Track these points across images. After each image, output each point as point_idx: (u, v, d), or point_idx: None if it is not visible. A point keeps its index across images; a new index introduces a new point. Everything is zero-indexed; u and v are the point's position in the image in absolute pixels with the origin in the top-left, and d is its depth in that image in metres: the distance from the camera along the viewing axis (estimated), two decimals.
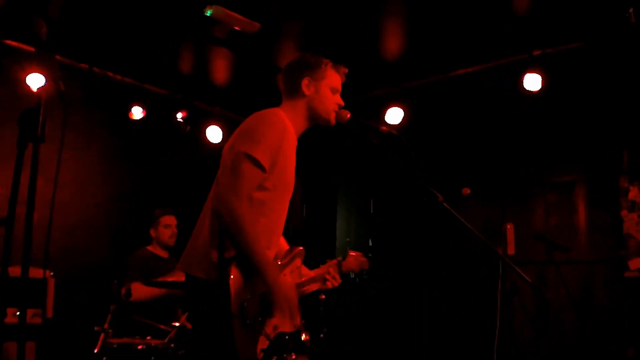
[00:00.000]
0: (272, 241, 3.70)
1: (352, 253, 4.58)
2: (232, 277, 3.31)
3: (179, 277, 5.89)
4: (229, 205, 3.34)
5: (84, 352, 5.67)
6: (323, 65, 3.94)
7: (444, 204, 3.72)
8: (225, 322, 3.24)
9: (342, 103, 3.98)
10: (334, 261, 4.40)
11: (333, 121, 3.94)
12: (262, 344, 3.45)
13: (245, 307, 3.33)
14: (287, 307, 3.52)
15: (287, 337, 3.59)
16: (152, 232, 6.80)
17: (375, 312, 7.84)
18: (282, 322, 3.59)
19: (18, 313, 4.97)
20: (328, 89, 3.92)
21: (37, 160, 2.44)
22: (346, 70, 4.04)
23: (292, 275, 3.87)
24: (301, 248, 3.95)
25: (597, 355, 6.27)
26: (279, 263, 3.74)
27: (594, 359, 6.27)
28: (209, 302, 3.38)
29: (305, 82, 3.87)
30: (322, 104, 3.89)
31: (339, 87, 4.00)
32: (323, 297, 6.05)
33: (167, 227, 6.75)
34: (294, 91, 3.89)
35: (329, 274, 4.25)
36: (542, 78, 6.32)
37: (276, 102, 4.00)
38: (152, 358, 5.44)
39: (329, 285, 4.26)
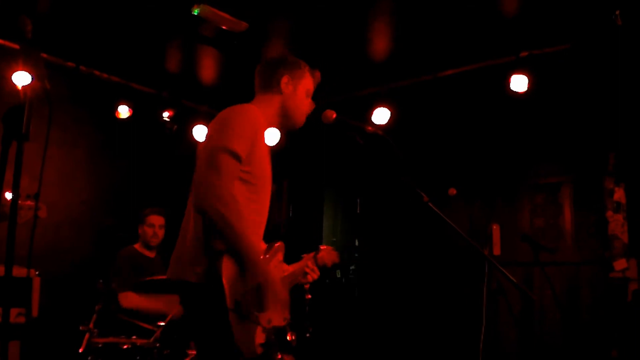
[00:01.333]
0: (259, 233, 3.71)
1: (323, 247, 4.66)
2: (224, 274, 3.30)
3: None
4: (212, 202, 3.29)
5: (69, 351, 5.66)
6: (302, 67, 3.97)
7: (430, 204, 3.73)
8: (222, 318, 3.25)
9: (314, 106, 4.01)
10: (310, 255, 4.48)
11: (301, 124, 3.98)
12: (260, 337, 3.49)
13: (239, 302, 3.33)
14: (277, 300, 3.55)
15: (280, 330, 3.62)
16: (140, 230, 6.80)
17: (361, 311, 7.85)
18: (274, 316, 3.61)
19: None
20: (304, 91, 3.96)
21: (21, 158, 2.43)
22: (319, 76, 4.07)
23: (276, 270, 3.88)
24: (281, 243, 3.97)
25: (581, 356, 6.29)
26: (262, 258, 3.70)
27: None
28: (204, 303, 3.38)
29: (284, 79, 3.88)
30: (296, 104, 3.92)
31: (312, 92, 4.03)
32: (309, 296, 6.06)
33: (151, 226, 6.72)
34: (271, 86, 3.91)
35: (308, 267, 4.35)
36: (528, 79, 6.34)
37: None
38: (138, 357, 5.43)
39: (309, 278, 4.36)
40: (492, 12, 5.75)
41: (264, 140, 3.72)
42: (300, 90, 3.93)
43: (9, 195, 3.90)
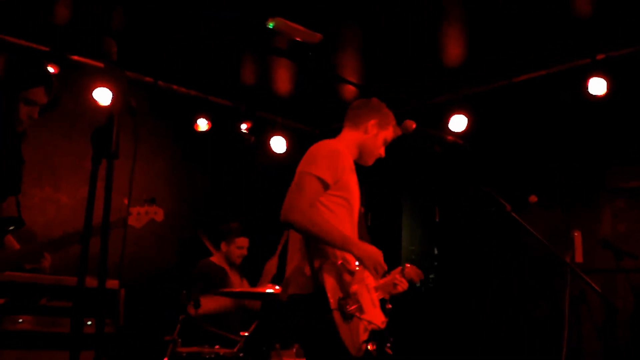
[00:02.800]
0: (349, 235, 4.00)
1: (408, 265, 4.89)
2: (325, 281, 3.66)
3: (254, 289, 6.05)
4: (296, 210, 3.72)
5: None
6: (391, 119, 4.34)
7: (512, 213, 3.76)
8: (327, 318, 3.59)
9: (384, 155, 4.39)
10: (397, 269, 4.69)
11: (369, 164, 4.38)
12: (363, 335, 3.85)
13: (341, 304, 3.68)
14: (374, 304, 4.00)
15: (381, 331, 3.90)
16: (223, 246, 6.91)
17: (442, 320, 7.82)
18: (373, 318, 3.97)
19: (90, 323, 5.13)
20: (382, 139, 4.32)
21: (111, 176, 2.51)
22: (400, 133, 4.34)
23: (369, 279, 4.18)
24: None
25: None
26: (357, 268, 4.00)
27: None
28: (310, 307, 3.71)
29: (372, 122, 4.26)
30: (373, 147, 4.30)
31: (388, 143, 4.39)
32: (389, 306, 6.08)
33: (240, 248, 6.91)
34: (358, 124, 4.29)
35: (397, 279, 4.70)
36: (606, 82, 6.25)
37: (336, 110, 4.18)
38: None
39: (399, 289, 4.71)
40: (566, 14, 5.69)
41: (349, 167, 4.06)
42: (381, 137, 4.29)
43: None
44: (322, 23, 6.03)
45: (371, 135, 4.25)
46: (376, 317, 4.05)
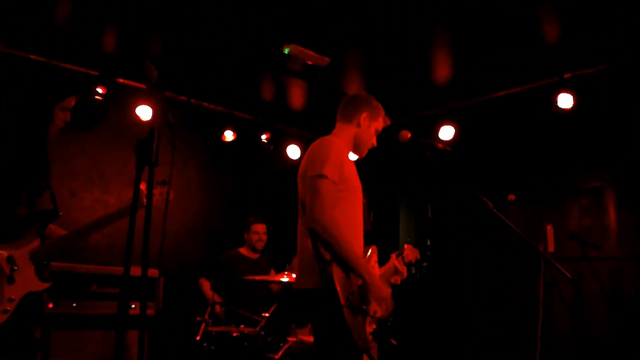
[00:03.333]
0: (355, 234, 3.79)
1: (406, 246, 4.77)
2: (335, 278, 3.46)
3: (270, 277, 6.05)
4: (323, 222, 3.49)
5: (188, 339, 5.80)
6: (380, 111, 4.13)
7: (494, 210, 3.75)
8: (338, 314, 3.42)
9: (375, 145, 4.13)
10: (395, 255, 4.60)
11: (363, 155, 4.13)
12: (370, 327, 3.68)
13: (350, 299, 3.49)
14: (379, 295, 3.66)
15: (386, 320, 3.78)
16: (245, 236, 6.95)
17: (433, 302, 7.82)
18: (378, 308, 3.76)
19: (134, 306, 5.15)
20: (374, 130, 4.10)
21: (152, 181, 2.53)
22: (389, 123, 4.24)
23: (373, 270, 4.03)
24: (374, 247, 4.07)
25: (625, 342, 6.15)
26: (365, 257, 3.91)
27: (623, 345, 6.15)
28: (322, 302, 3.52)
29: (364, 115, 4.03)
30: (366, 138, 4.06)
31: (379, 132, 4.17)
32: (405, 276, 6.11)
33: (256, 233, 6.89)
34: (351, 119, 4.06)
35: (398, 267, 4.60)
36: (573, 97, 6.26)
37: None
38: (245, 344, 5.54)
39: (399, 279, 4.63)
40: (537, 39, 5.71)
41: (348, 160, 3.85)
42: (372, 128, 4.07)
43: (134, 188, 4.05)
44: (330, 48, 6.08)
45: (364, 127, 4.02)
46: (381, 307, 3.83)
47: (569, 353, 6.44)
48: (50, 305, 5.30)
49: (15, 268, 3.75)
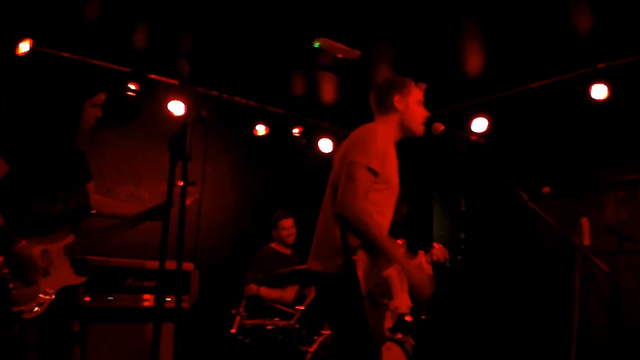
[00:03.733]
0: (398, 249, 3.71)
1: (436, 245, 4.71)
2: (359, 266, 3.36)
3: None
4: (353, 209, 3.38)
5: (223, 331, 5.84)
6: (409, 83, 3.95)
7: (529, 203, 3.69)
8: (358, 304, 3.31)
9: (429, 114, 3.98)
10: (423, 252, 4.53)
11: (421, 132, 3.96)
12: (388, 322, 3.56)
13: (372, 291, 3.39)
14: (416, 280, 3.58)
15: (405, 317, 3.68)
16: (274, 233, 6.94)
17: (468, 295, 7.78)
18: (400, 304, 3.65)
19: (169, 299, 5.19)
20: (416, 102, 3.92)
21: (186, 175, 2.55)
22: (425, 86, 4.02)
23: None
24: (403, 241, 4.01)
25: None
26: None
27: None
28: (343, 291, 3.42)
29: (396, 98, 3.87)
30: (412, 116, 3.90)
31: (422, 100, 3.99)
32: (432, 273, 6.10)
33: (284, 229, 6.88)
34: (387, 108, 3.90)
35: (422, 265, 4.54)
36: (607, 88, 6.18)
37: (373, 114, 4.04)
38: (280, 337, 5.55)
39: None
40: (570, 30, 5.64)
41: (392, 154, 3.76)
42: (412, 103, 3.90)
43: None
44: (361, 41, 6.06)
45: (402, 108, 3.86)
46: (403, 302, 3.73)
47: (605, 349, 6.35)
48: (87, 299, 5.37)
49: (51, 262, 3.81)
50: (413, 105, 3.91)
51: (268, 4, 5.40)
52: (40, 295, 3.75)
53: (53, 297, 3.79)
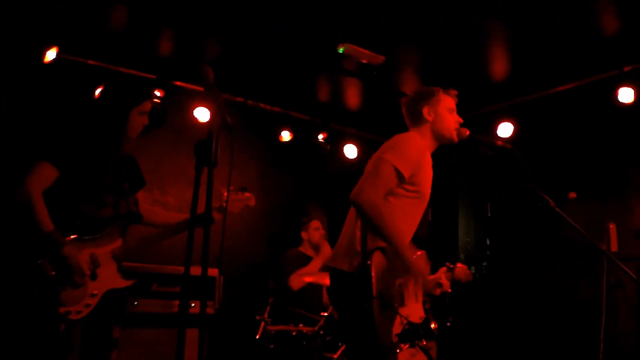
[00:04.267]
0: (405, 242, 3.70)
1: (460, 265, 4.66)
2: (373, 267, 3.38)
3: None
4: (367, 197, 3.42)
5: (248, 337, 5.85)
6: (436, 92, 4.00)
7: (555, 208, 3.67)
8: (367, 303, 3.32)
9: (461, 120, 4.00)
10: (443, 269, 4.48)
11: (456, 138, 3.97)
12: (397, 329, 3.52)
13: (384, 294, 3.40)
14: (418, 271, 3.59)
15: (416, 326, 3.64)
16: (304, 235, 6.94)
17: (493, 303, 7.72)
18: (412, 312, 3.66)
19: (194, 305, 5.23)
20: (446, 111, 3.96)
21: (212, 181, 2.56)
22: (456, 92, 4.08)
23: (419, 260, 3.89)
24: (423, 252, 3.99)
25: None
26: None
27: None
28: (353, 288, 3.45)
29: (425, 110, 3.93)
30: (443, 124, 3.93)
31: (454, 107, 4.03)
32: (449, 290, 6.05)
33: (317, 229, 6.89)
34: (418, 120, 3.96)
35: (442, 280, 4.35)
36: (634, 91, 6.12)
37: (400, 121, 4.07)
38: (304, 343, 5.55)
39: (438, 291, 4.34)
40: (596, 33, 5.60)
41: (427, 165, 3.79)
42: (441, 111, 3.95)
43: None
44: (385, 46, 6.06)
45: (432, 119, 3.92)
46: (415, 312, 3.75)
47: (634, 357, 6.28)
48: (135, 303, 5.46)
49: (98, 265, 3.89)
50: (443, 114, 3.95)
51: (292, 10, 5.41)
52: (88, 298, 3.85)
53: (99, 299, 3.90)
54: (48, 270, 3.75)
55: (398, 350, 3.56)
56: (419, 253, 3.95)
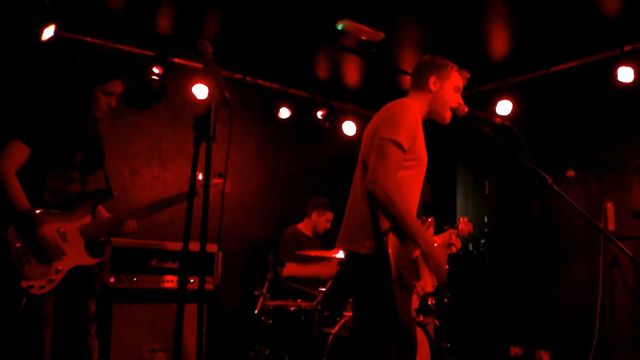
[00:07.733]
0: (410, 206, 3.65)
1: (461, 219, 4.70)
2: (390, 248, 3.35)
3: (325, 253, 6.05)
4: (382, 185, 3.34)
5: (247, 312, 5.86)
6: (449, 67, 3.92)
7: (553, 185, 3.66)
8: (387, 287, 3.29)
9: (462, 102, 3.93)
10: (451, 230, 4.52)
11: (447, 119, 3.92)
12: (415, 303, 3.57)
13: (402, 274, 3.38)
14: (438, 264, 3.52)
15: (430, 297, 3.66)
16: (314, 216, 6.96)
17: (491, 279, 7.74)
18: (427, 284, 3.70)
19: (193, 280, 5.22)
20: (452, 88, 3.90)
21: (210, 156, 2.55)
22: (468, 75, 4.02)
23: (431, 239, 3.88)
24: (432, 218, 3.99)
25: None
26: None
27: None
28: (372, 273, 3.41)
29: (432, 79, 3.85)
30: (444, 100, 3.87)
31: (460, 88, 3.97)
32: (447, 267, 6.06)
33: (328, 221, 6.98)
34: (421, 86, 3.88)
35: (452, 239, 4.45)
36: (634, 71, 6.09)
37: (398, 98, 4.02)
38: (302, 318, 5.58)
39: (454, 249, 4.46)
40: (595, 11, 5.57)
41: (421, 131, 3.71)
42: (447, 87, 3.88)
43: (199, 176, 4.11)
44: (385, 22, 6.02)
45: (435, 91, 3.84)
46: (429, 282, 3.79)
47: (630, 335, 6.31)
48: (112, 279, 5.44)
49: (65, 241, 3.85)
50: (448, 90, 3.89)
51: None
52: (52, 274, 3.80)
53: (64, 275, 3.84)
54: (13, 242, 3.71)
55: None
56: (429, 219, 3.95)
